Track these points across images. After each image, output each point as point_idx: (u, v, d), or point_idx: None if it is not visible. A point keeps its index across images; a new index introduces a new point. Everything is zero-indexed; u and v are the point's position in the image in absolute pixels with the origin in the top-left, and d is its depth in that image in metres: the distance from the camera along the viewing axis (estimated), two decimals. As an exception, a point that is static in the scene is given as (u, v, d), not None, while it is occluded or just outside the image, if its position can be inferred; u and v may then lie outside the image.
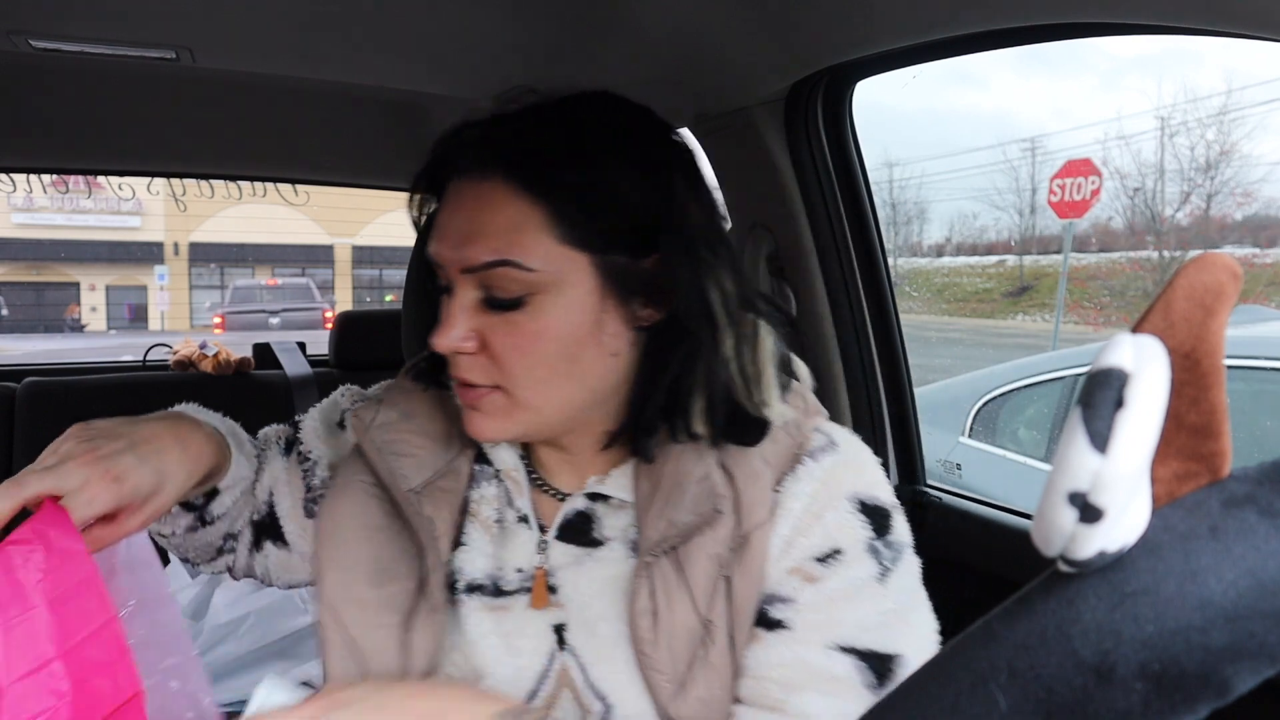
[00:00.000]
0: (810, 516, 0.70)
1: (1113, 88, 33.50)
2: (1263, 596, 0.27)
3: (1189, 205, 16.57)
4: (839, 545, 0.69)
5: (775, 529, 0.70)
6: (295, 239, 18.65)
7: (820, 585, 0.68)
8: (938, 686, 0.31)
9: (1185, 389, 0.29)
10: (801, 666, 0.66)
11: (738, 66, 1.24)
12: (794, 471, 0.71)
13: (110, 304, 18.78)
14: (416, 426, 0.78)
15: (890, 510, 0.72)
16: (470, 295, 0.68)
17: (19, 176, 2.10)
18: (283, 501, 0.84)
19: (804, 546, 0.69)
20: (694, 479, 0.69)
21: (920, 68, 1.17)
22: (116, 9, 1.23)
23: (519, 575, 0.74)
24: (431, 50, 1.39)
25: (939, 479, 1.46)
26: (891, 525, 0.72)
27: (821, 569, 0.68)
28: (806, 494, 0.70)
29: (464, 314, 0.68)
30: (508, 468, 0.78)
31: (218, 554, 0.85)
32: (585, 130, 0.70)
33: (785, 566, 0.69)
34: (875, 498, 0.72)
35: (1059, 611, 0.29)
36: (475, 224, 0.67)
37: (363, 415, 0.78)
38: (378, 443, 0.76)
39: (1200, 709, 0.27)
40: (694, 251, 0.69)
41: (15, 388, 1.98)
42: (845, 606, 0.68)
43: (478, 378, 0.69)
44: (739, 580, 0.68)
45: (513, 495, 0.77)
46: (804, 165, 1.34)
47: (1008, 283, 18.25)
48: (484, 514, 0.77)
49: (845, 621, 0.67)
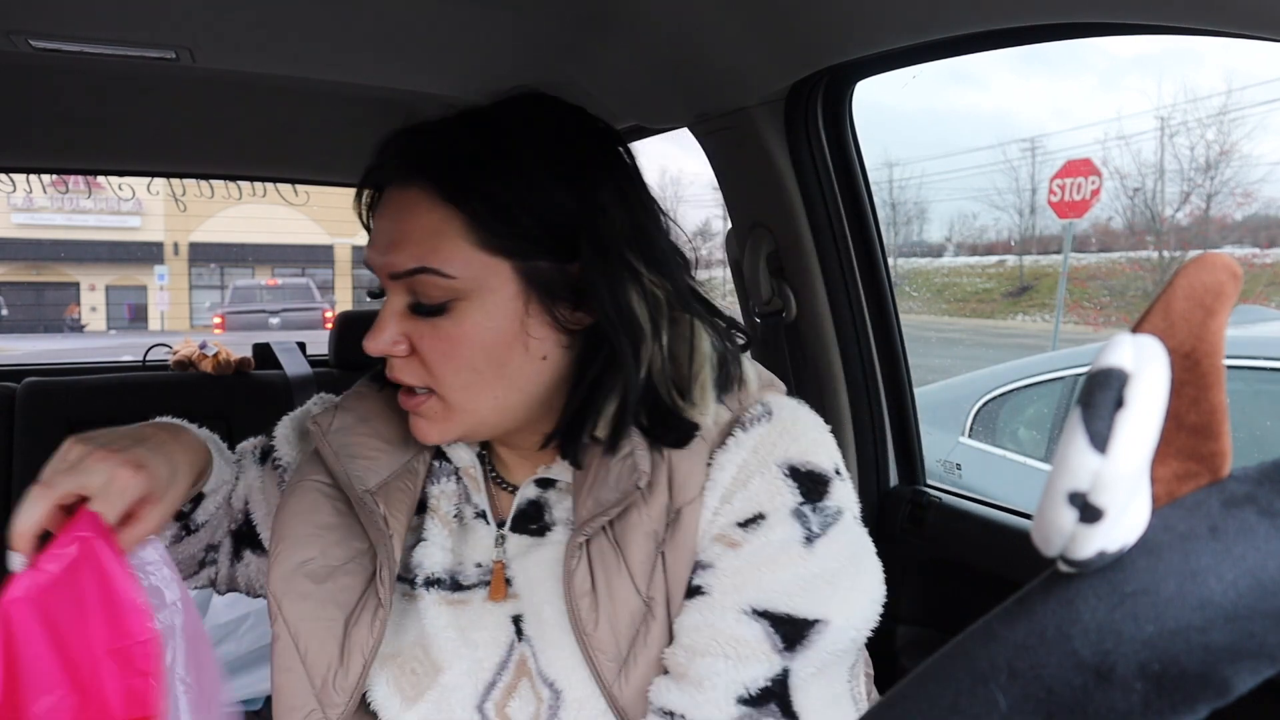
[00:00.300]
0: (737, 484, 0.70)
1: (1112, 88, 33.51)
2: (1263, 596, 0.27)
3: (1189, 205, 16.57)
4: (762, 510, 0.69)
5: (704, 501, 0.70)
6: (295, 239, 18.64)
7: (740, 550, 0.68)
8: (938, 686, 0.31)
9: (1185, 389, 0.29)
10: (711, 631, 0.66)
11: (738, 66, 1.24)
12: (724, 444, 0.71)
13: (110, 304, 18.78)
14: (373, 430, 0.79)
15: (828, 476, 0.71)
16: (399, 300, 0.70)
17: (19, 176, 2.10)
18: (258, 509, 0.86)
19: (728, 514, 0.69)
20: (618, 457, 0.70)
21: (920, 68, 1.17)
22: (116, 9, 1.23)
23: (478, 570, 0.76)
24: (431, 51, 1.39)
25: (939, 479, 1.46)
26: (827, 491, 0.70)
27: (743, 534, 0.68)
28: (735, 463, 0.70)
29: (394, 318, 0.70)
30: (465, 465, 0.79)
31: (200, 566, 0.87)
32: (507, 136, 0.70)
33: (710, 534, 0.70)
34: (809, 464, 0.71)
35: (1059, 611, 0.29)
36: (400, 231, 0.68)
37: (321, 421, 0.80)
38: (335, 446, 0.77)
39: (1200, 709, 0.27)
40: (616, 258, 0.69)
41: (15, 388, 1.98)
42: (764, 570, 0.67)
43: (410, 379, 0.71)
44: (671, 556, 0.69)
45: (470, 492, 0.79)
46: (804, 165, 1.34)
47: (1008, 283, 18.25)
48: (443, 509, 0.78)
49: (762, 585, 0.67)
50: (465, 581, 0.76)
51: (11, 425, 1.94)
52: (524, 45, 1.34)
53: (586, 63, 1.34)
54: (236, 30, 1.32)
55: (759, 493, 0.69)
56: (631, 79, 1.34)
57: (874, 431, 1.40)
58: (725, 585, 0.67)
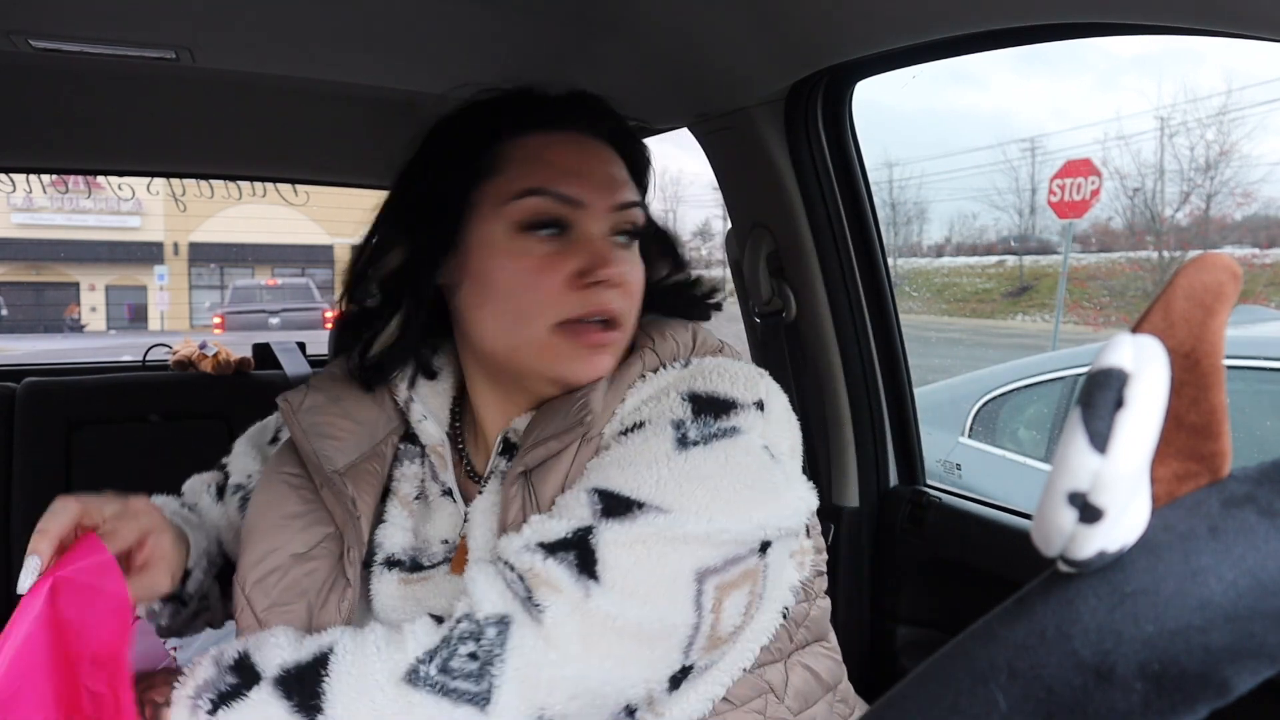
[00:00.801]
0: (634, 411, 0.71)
1: (1111, 87, 33.50)
2: (1263, 596, 0.27)
3: (1189, 205, 16.57)
4: (643, 419, 0.69)
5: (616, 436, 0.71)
6: (295, 239, 18.63)
7: (609, 452, 0.69)
8: (938, 686, 0.31)
9: (1185, 389, 0.29)
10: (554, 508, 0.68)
11: (738, 66, 1.24)
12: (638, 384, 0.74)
13: (110, 304, 18.77)
14: (343, 410, 0.80)
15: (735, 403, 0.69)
16: (605, 232, 0.75)
17: (19, 176, 2.10)
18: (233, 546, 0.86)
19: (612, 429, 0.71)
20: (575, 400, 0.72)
21: (920, 68, 1.17)
22: (116, 9, 1.23)
23: (444, 546, 0.77)
24: (431, 51, 1.39)
25: (939, 479, 1.46)
26: (726, 414, 0.68)
27: (617, 440, 0.70)
28: (643, 395, 0.72)
29: (610, 247, 0.74)
30: (434, 443, 0.80)
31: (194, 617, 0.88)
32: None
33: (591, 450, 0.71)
34: (713, 392, 0.70)
35: (1059, 611, 0.29)
36: (612, 171, 0.76)
37: (291, 399, 0.81)
38: (305, 425, 0.78)
39: (1200, 709, 0.27)
40: None
41: (15, 388, 1.97)
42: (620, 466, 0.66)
43: (623, 308, 0.74)
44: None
45: (437, 470, 0.79)
46: (804, 165, 1.34)
47: (1008, 283, 18.24)
48: (403, 491, 0.79)
49: (609, 475, 0.66)
50: (428, 561, 0.77)
51: (11, 425, 1.94)
52: (524, 45, 1.34)
53: (587, 63, 1.34)
54: (236, 30, 1.32)
55: (647, 410, 0.70)
56: (631, 79, 1.34)
57: (874, 431, 1.40)
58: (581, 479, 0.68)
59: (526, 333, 0.72)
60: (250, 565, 0.75)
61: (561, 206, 0.73)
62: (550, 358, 0.73)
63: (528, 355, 0.73)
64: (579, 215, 0.73)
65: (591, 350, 0.72)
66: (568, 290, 0.72)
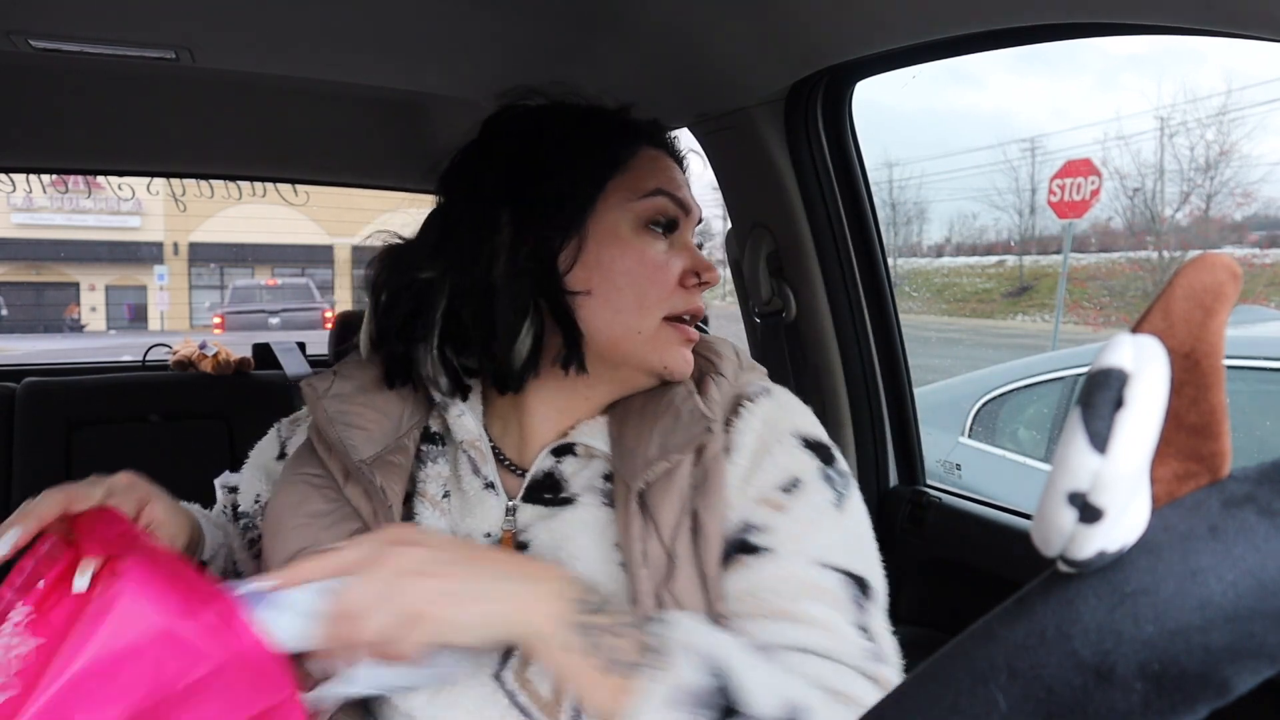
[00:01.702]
0: (761, 452, 0.76)
1: (1109, 87, 33.47)
2: (1263, 596, 0.27)
3: (1189, 205, 16.57)
4: (796, 475, 0.75)
5: (732, 462, 0.75)
6: (295, 239, 18.64)
7: (789, 512, 0.74)
8: (938, 686, 0.31)
9: (1185, 389, 0.29)
10: (795, 580, 0.71)
11: (738, 66, 1.24)
12: (738, 412, 0.78)
13: (110, 304, 18.78)
14: (369, 401, 0.80)
15: (829, 446, 0.79)
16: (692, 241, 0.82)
17: (19, 176, 2.10)
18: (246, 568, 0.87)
19: (763, 480, 0.75)
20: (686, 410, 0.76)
21: (920, 67, 1.17)
22: (116, 9, 1.23)
23: (487, 540, 0.76)
24: (431, 50, 1.39)
25: (939, 479, 1.46)
26: (835, 457, 0.78)
27: (786, 498, 0.74)
28: (754, 430, 0.77)
29: None
30: (471, 438, 0.80)
31: None
32: None
33: (751, 497, 0.74)
34: (814, 435, 0.79)
35: (1059, 611, 0.29)
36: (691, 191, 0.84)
37: (316, 384, 0.80)
38: (330, 412, 0.78)
39: (1200, 709, 0.27)
40: None
41: (15, 388, 1.98)
42: (815, 529, 0.73)
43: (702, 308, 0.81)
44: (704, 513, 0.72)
45: (478, 464, 0.79)
46: (804, 165, 1.34)
47: (1008, 283, 18.25)
48: (430, 491, 0.78)
49: (819, 543, 0.72)
50: None
51: (11, 425, 1.94)
52: (524, 45, 1.34)
53: (587, 63, 1.34)
54: (236, 30, 1.32)
55: (784, 460, 0.76)
56: (631, 79, 1.34)
57: (874, 431, 1.40)
58: (788, 543, 0.73)
59: (642, 322, 0.77)
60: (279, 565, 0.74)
61: (678, 210, 0.80)
62: (659, 348, 0.78)
63: (637, 344, 0.77)
64: (685, 222, 0.81)
65: (687, 345, 0.79)
66: (678, 287, 0.78)
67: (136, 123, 1.81)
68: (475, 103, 1.56)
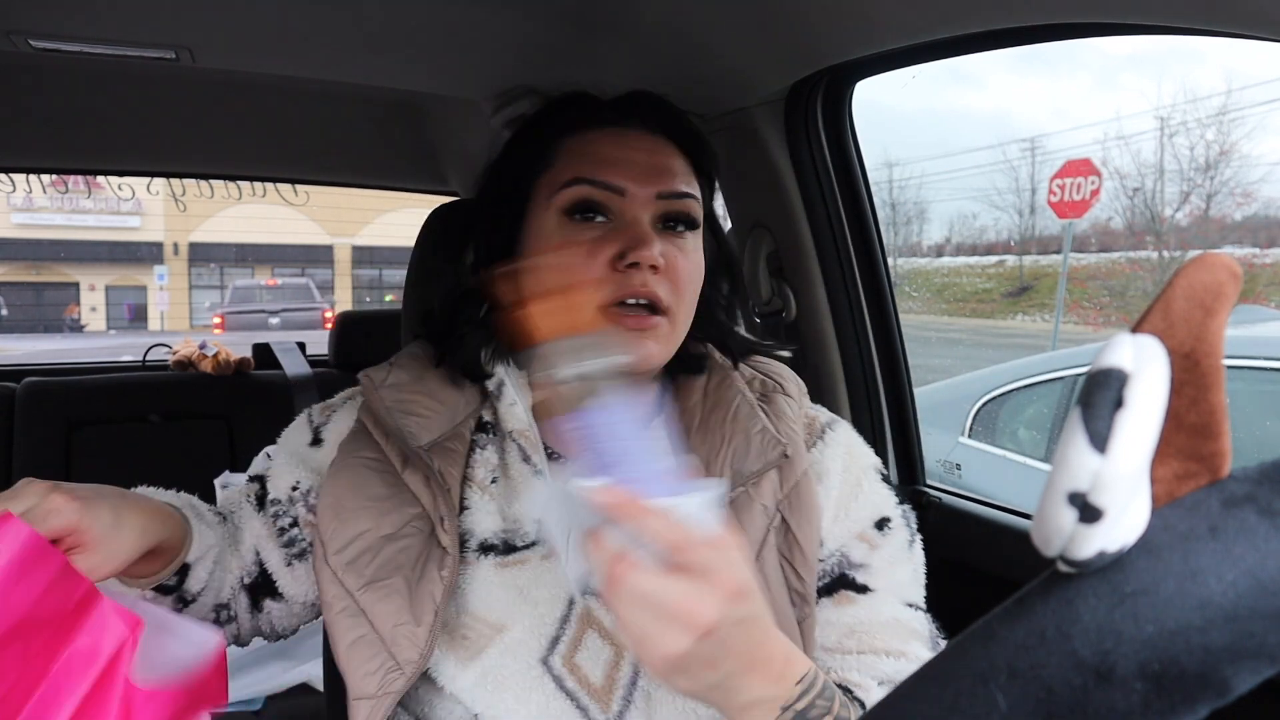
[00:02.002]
0: (851, 483, 0.80)
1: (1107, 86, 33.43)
2: (1262, 596, 0.27)
3: (1189, 205, 16.56)
4: (885, 514, 0.80)
5: (824, 487, 0.79)
6: (295, 239, 18.64)
7: (881, 550, 0.79)
8: (938, 686, 0.31)
9: (1185, 389, 0.29)
10: (894, 621, 0.76)
11: (738, 66, 1.24)
12: (823, 438, 0.82)
13: (110, 304, 18.77)
14: (426, 389, 0.81)
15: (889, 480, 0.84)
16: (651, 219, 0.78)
17: (19, 176, 2.10)
18: (271, 557, 0.83)
19: (858, 513, 0.79)
20: (755, 431, 0.78)
21: (920, 67, 1.17)
22: (116, 9, 1.23)
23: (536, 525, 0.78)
24: (431, 50, 1.39)
25: (939, 479, 1.46)
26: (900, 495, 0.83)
27: (880, 536, 0.79)
28: (840, 459, 0.81)
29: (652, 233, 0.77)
30: (521, 427, 0.81)
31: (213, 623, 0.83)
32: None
33: (849, 530, 0.79)
34: (884, 470, 0.84)
35: (1059, 611, 0.29)
36: (662, 162, 0.79)
37: (374, 375, 0.82)
38: (388, 401, 0.79)
39: (1200, 709, 0.27)
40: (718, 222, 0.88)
41: (15, 388, 1.98)
42: (901, 568, 0.79)
43: (664, 294, 0.76)
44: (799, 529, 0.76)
45: (528, 452, 0.80)
46: (804, 165, 1.34)
47: (1008, 283, 18.24)
48: (479, 477, 0.80)
49: (903, 581, 0.78)
50: (521, 541, 0.77)
51: (11, 425, 1.94)
52: (524, 45, 1.34)
53: (587, 63, 1.34)
54: (236, 30, 1.32)
55: (875, 496, 0.81)
56: (631, 79, 1.34)
57: (874, 431, 1.40)
58: (884, 582, 0.78)
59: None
60: (338, 549, 0.75)
61: (602, 193, 0.77)
62: None
63: None
64: (621, 203, 0.77)
65: (634, 334, 0.76)
66: (610, 273, 0.75)
67: (136, 123, 1.80)
68: (475, 103, 1.56)
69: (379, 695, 0.71)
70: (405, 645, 0.71)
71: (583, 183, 0.77)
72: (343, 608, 0.74)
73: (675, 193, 0.79)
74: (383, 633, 0.72)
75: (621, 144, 0.80)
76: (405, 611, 0.72)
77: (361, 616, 0.73)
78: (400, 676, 0.70)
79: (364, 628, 0.73)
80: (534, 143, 0.83)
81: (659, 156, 0.80)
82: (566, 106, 0.84)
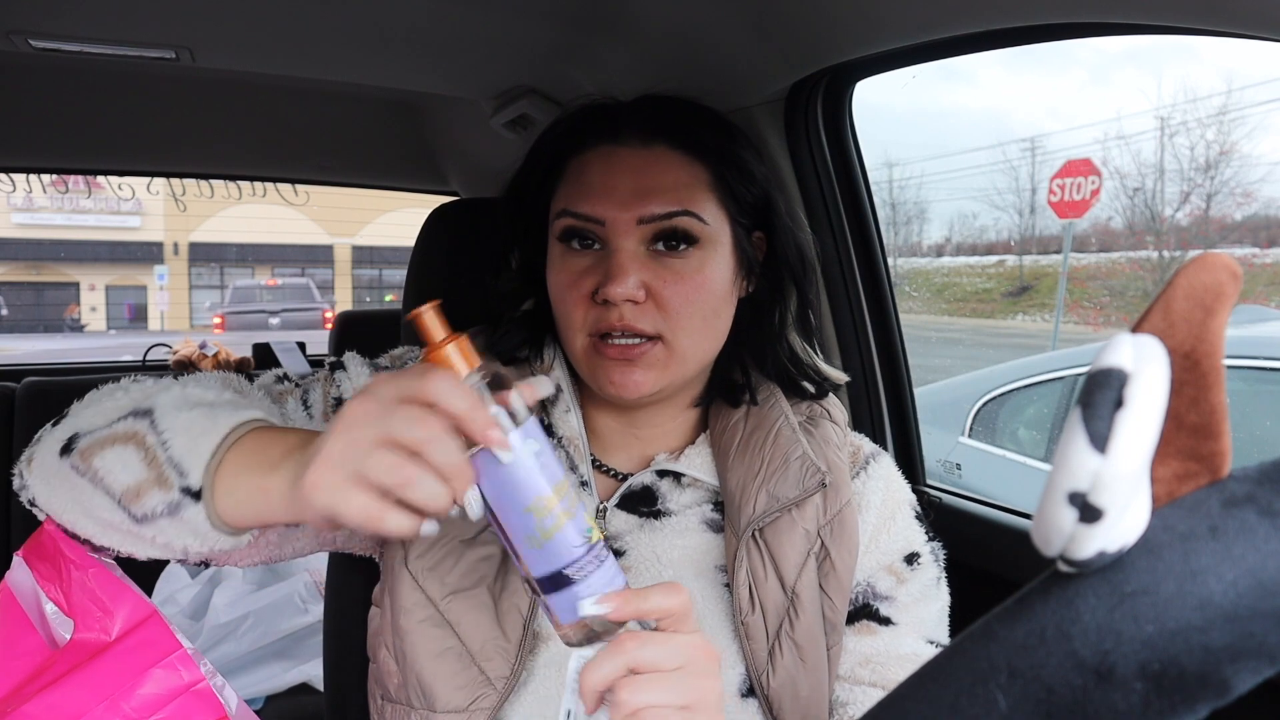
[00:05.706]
0: (886, 516, 0.80)
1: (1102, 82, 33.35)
2: (1263, 596, 0.27)
3: (1189, 205, 16.55)
4: (915, 549, 0.80)
5: (863, 517, 0.79)
6: (295, 239, 18.63)
7: (909, 585, 0.79)
8: (938, 686, 0.31)
9: (1185, 389, 0.29)
10: (916, 659, 0.76)
11: (738, 66, 1.24)
12: (866, 469, 0.82)
13: (110, 304, 18.77)
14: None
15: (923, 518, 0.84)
16: (638, 247, 0.74)
17: (19, 176, 2.10)
18: None
19: (888, 546, 0.79)
20: (794, 457, 0.77)
21: (919, 67, 1.17)
22: (116, 9, 1.23)
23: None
24: (431, 50, 1.39)
25: (939, 479, 1.46)
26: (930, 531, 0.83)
27: (908, 570, 0.79)
28: (879, 491, 0.81)
29: (633, 263, 0.73)
30: (571, 435, 0.81)
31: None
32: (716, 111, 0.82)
33: (878, 561, 0.79)
34: (918, 506, 0.83)
35: (1059, 611, 0.29)
36: (652, 182, 0.74)
37: None
38: None
39: (1200, 709, 0.27)
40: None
41: (15, 388, 1.97)
42: (926, 606, 0.79)
43: (645, 325, 0.73)
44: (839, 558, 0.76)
45: (575, 461, 0.80)
46: (804, 165, 1.34)
47: (1008, 283, 18.23)
48: None
49: (927, 619, 0.79)
50: None
51: (11, 425, 1.94)
52: (524, 45, 1.34)
53: (587, 63, 1.34)
54: (236, 30, 1.32)
55: (906, 530, 0.81)
56: (632, 79, 1.34)
57: (874, 431, 1.40)
58: (907, 617, 0.79)
59: (573, 341, 0.76)
60: (421, 552, 0.74)
61: (585, 224, 0.75)
62: (592, 369, 0.76)
63: (579, 364, 0.77)
64: (604, 231, 0.75)
65: (618, 364, 0.74)
66: (591, 306, 0.74)
67: (136, 123, 1.80)
68: (475, 103, 1.56)
69: (470, 710, 0.70)
70: (498, 661, 0.71)
71: (567, 214, 0.76)
72: (425, 616, 0.72)
73: (657, 215, 0.74)
74: (472, 647, 0.71)
75: (608, 168, 0.76)
76: (494, 625, 0.72)
77: (447, 628, 0.72)
78: (493, 692, 0.70)
79: (451, 639, 0.72)
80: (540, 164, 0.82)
81: (646, 176, 0.75)
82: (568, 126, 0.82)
